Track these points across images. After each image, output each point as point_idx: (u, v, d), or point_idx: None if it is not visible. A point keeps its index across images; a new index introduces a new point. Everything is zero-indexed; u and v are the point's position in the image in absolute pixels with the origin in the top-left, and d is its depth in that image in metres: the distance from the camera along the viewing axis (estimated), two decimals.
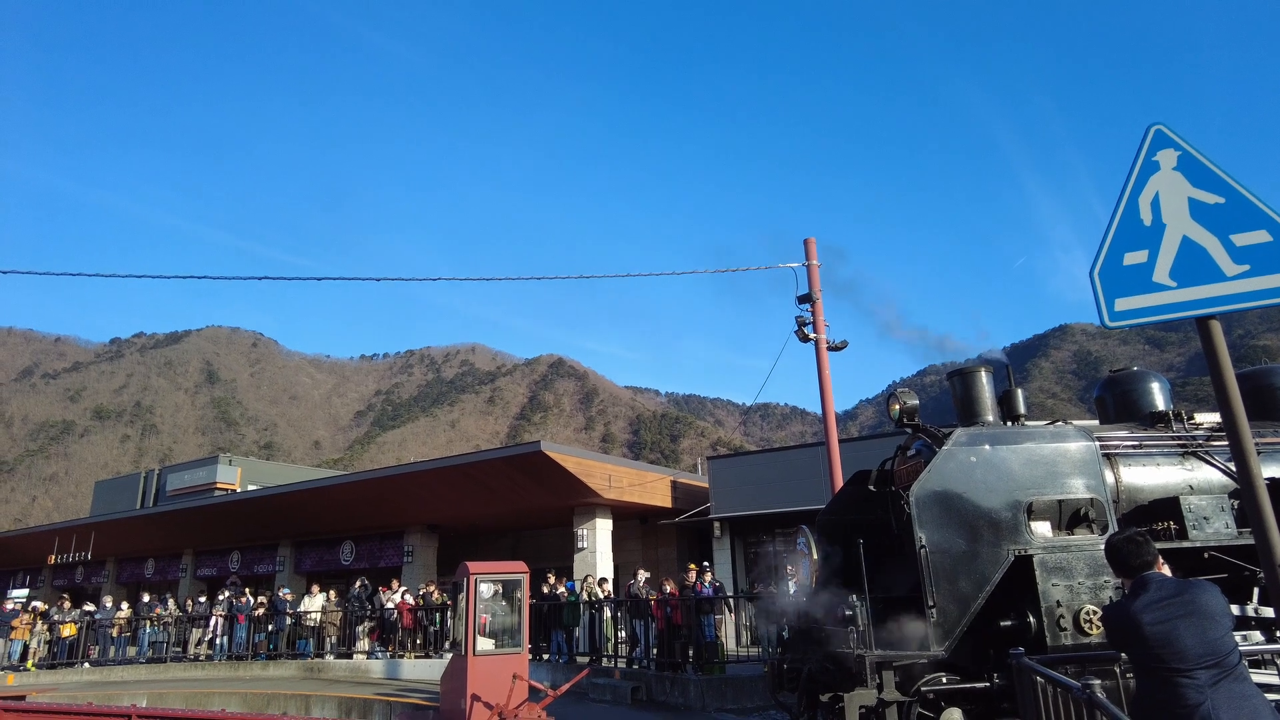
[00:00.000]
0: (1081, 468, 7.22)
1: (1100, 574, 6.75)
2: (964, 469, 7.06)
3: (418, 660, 17.72)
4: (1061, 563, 6.78)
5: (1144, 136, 3.93)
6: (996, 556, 6.79)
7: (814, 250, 13.96)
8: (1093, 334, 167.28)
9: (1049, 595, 6.64)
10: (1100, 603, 6.63)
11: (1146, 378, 8.98)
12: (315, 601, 20.31)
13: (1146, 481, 7.77)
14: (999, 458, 7.15)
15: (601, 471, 21.58)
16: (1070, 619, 6.59)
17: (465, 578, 11.21)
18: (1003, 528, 6.89)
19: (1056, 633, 6.55)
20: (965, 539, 6.86)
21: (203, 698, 15.24)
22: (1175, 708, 3.16)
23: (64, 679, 20.02)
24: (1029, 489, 7.05)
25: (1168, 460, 7.92)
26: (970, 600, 6.70)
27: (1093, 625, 6.56)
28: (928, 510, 6.90)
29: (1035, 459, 7.19)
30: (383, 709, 13.19)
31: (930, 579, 6.70)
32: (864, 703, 6.68)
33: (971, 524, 6.90)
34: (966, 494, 6.99)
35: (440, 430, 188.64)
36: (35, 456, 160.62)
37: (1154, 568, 3.51)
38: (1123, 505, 7.64)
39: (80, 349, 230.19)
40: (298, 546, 29.16)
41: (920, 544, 6.77)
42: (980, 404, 8.22)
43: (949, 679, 6.87)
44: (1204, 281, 3.63)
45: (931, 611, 6.63)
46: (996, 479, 7.05)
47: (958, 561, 6.79)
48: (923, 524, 6.84)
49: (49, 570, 36.76)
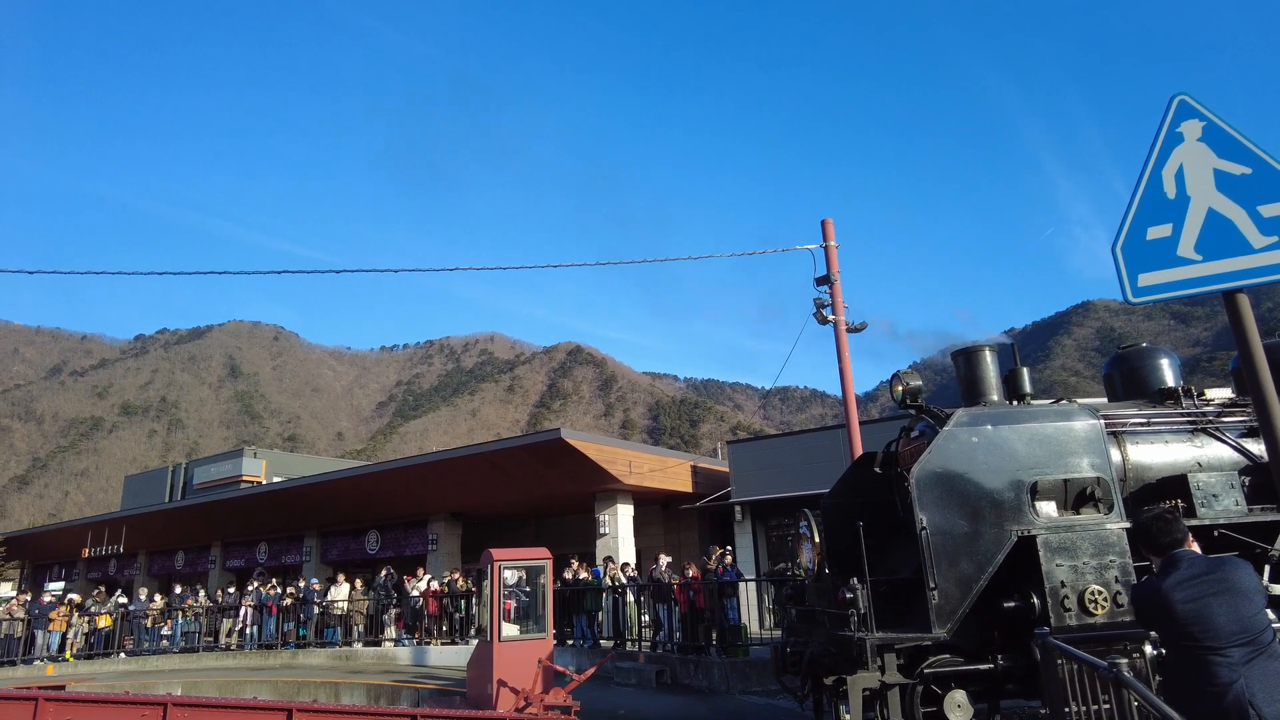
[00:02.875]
0: (1086, 446, 7.12)
1: (1105, 554, 6.68)
2: (965, 449, 6.99)
3: (444, 647, 17.93)
4: (1066, 543, 6.70)
5: (1167, 107, 3.84)
6: (999, 537, 6.74)
7: (831, 231, 13.85)
8: (1116, 310, 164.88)
9: (1053, 576, 6.58)
10: (1105, 583, 6.57)
11: (1155, 354, 8.83)
12: (341, 591, 20.58)
13: (1155, 459, 7.66)
14: (1001, 438, 7.06)
15: (622, 457, 21.64)
16: (1075, 599, 6.52)
17: (489, 565, 11.32)
18: (1005, 508, 6.83)
19: (1061, 613, 6.48)
20: (967, 520, 6.80)
21: (235, 686, 15.51)
22: (1208, 686, 3.13)
23: (101, 669, 20.47)
24: (1032, 469, 6.96)
25: (1177, 438, 7.80)
26: (972, 582, 6.65)
27: (1098, 606, 6.48)
28: (928, 492, 6.85)
29: (1038, 438, 7.09)
30: (410, 695, 13.36)
31: (931, 560, 6.65)
32: (867, 685, 6.67)
33: (973, 505, 6.84)
34: (968, 474, 6.92)
35: (461, 419, 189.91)
36: (66, 453, 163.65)
37: (1184, 545, 3.47)
38: (1130, 484, 7.55)
39: (106, 346, 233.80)
40: (323, 537, 29.53)
41: (921, 525, 6.72)
42: (985, 383, 8.12)
43: (953, 661, 6.82)
44: (1230, 254, 3.55)
45: (933, 593, 6.58)
46: (999, 459, 6.98)
47: (959, 543, 6.73)
48: (923, 505, 6.79)
49: (83, 563, 37.51)
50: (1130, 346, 9.15)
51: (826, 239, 13.83)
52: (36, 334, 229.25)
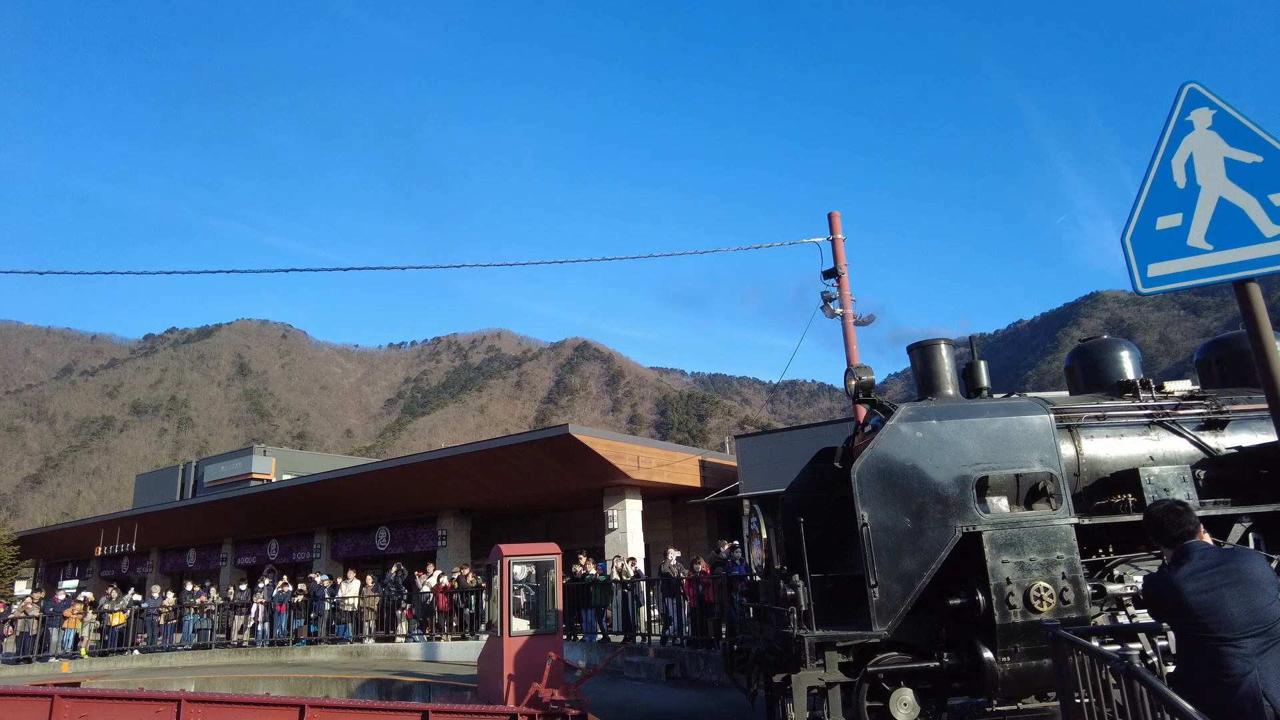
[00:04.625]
0: (1035, 441, 7.00)
1: (1053, 550, 6.59)
2: (908, 444, 6.88)
3: (454, 642, 18.00)
4: (1012, 539, 6.61)
5: (1177, 96, 3.80)
6: (943, 533, 6.65)
7: (838, 224, 13.80)
8: (1125, 301, 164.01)
9: (998, 573, 6.50)
10: (1052, 580, 6.50)
11: (1116, 346, 8.71)
12: (352, 587, 20.68)
13: (1108, 453, 7.55)
14: (946, 432, 6.95)
15: (630, 453, 21.65)
16: (1020, 597, 6.44)
17: (499, 560, 11.35)
18: (950, 504, 6.73)
19: (1006, 611, 6.41)
20: (910, 516, 6.70)
21: (248, 682, 15.62)
22: (1221, 678, 3.12)
23: (115, 666, 20.64)
24: (978, 464, 6.86)
25: (1132, 431, 7.69)
26: (915, 579, 6.56)
27: (1043, 603, 6.41)
28: (870, 487, 6.76)
29: (985, 433, 6.98)
30: (421, 690, 13.43)
31: (872, 557, 6.56)
32: (812, 683, 6.62)
33: (917, 501, 6.74)
34: (911, 470, 6.82)
35: (469, 415, 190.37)
36: (78, 452, 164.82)
37: (1196, 537, 3.45)
38: (1084, 478, 7.44)
39: (116, 346, 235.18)
40: (333, 533, 29.67)
41: (862, 522, 6.63)
42: (940, 378, 8.05)
43: (900, 658, 6.75)
44: (1242, 243, 3.52)
45: (873, 591, 6.50)
46: (943, 454, 6.87)
47: (902, 539, 6.64)
48: (865, 501, 6.70)
49: (96, 562, 37.80)
50: (1091, 339, 9.01)
51: (833, 232, 13.78)
52: (47, 334, 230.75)
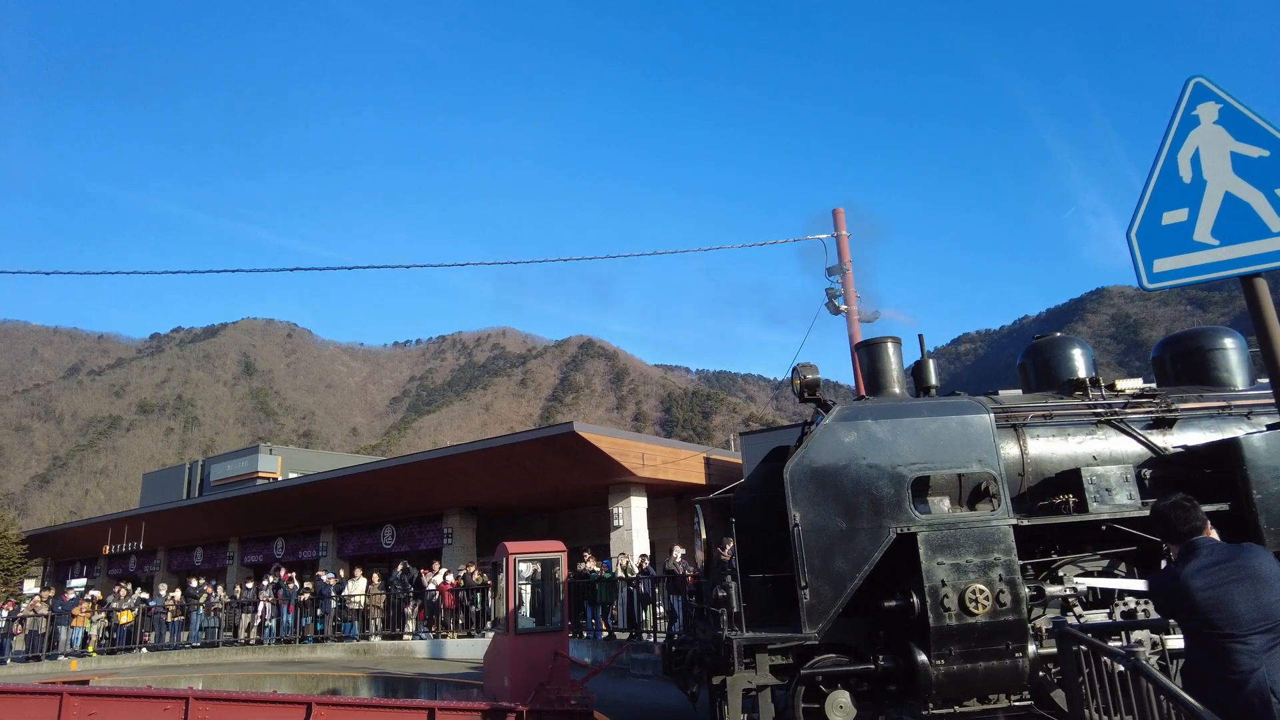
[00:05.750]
0: (973, 441, 6.88)
1: (990, 552, 6.49)
2: (842, 444, 6.79)
3: (461, 640, 18.05)
4: (948, 540, 6.50)
5: (1183, 90, 3.79)
6: (876, 535, 6.56)
7: (843, 221, 13.79)
8: (1131, 296, 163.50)
9: (933, 574, 6.41)
10: (989, 582, 6.40)
11: (1068, 344, 8.62)
12: (359, 585, 20.74)
13: (1054, 453, 7.46)
14: (881, 432, 6.84)
15: (635, 450, 21.66)
16: (955, 599, 6.34)
17: (504, 558, 11.37)
18: (884, 504, 6.63)
19: (940, 613, 6.31)
20: (843, 517, 6.61)
21: (255, 680, 15.68)
22: (1228, 674, 3.11)
23: (124, 664, 20.75)
24: (914, 464, 6.75)
25: (1079, 430, 7.59)
26: (846, 580, 6.46)
27: (978, 605, 6.31)
28: (802, 488, 6.67)
29: (922, 433, 6.87)
30: (428, 688, 13.47)
31: (803, 558, 6.47)
32: (747, 686, 6.57)
33: (850, 501, 6.64)
34: (845, 470, 6.72)
35: (474, 413, 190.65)
36: (85, 451, 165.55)
37: (1203, 533, 3.44)
38: (1029, 478, 7.36)
39: (122, 345, 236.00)
40: (339, 532, 29.75)
41: (794, 523, 6.56)
42: (886, 376, 7.99)
43: (837, 661, 6.68)
44: (1248, 238, 3.51)
45: (804, 592, 6.42)
46: (878, 454, 6.77)
47: (834, 540, 6.55)
48: (797, 502, 6.62)
49: (104, 560, 37.96)
50: (1044, 337, 8.92)
51: (838, 229, 13.78)
52: (54, 334, 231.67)
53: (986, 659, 6.34)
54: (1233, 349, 8.35)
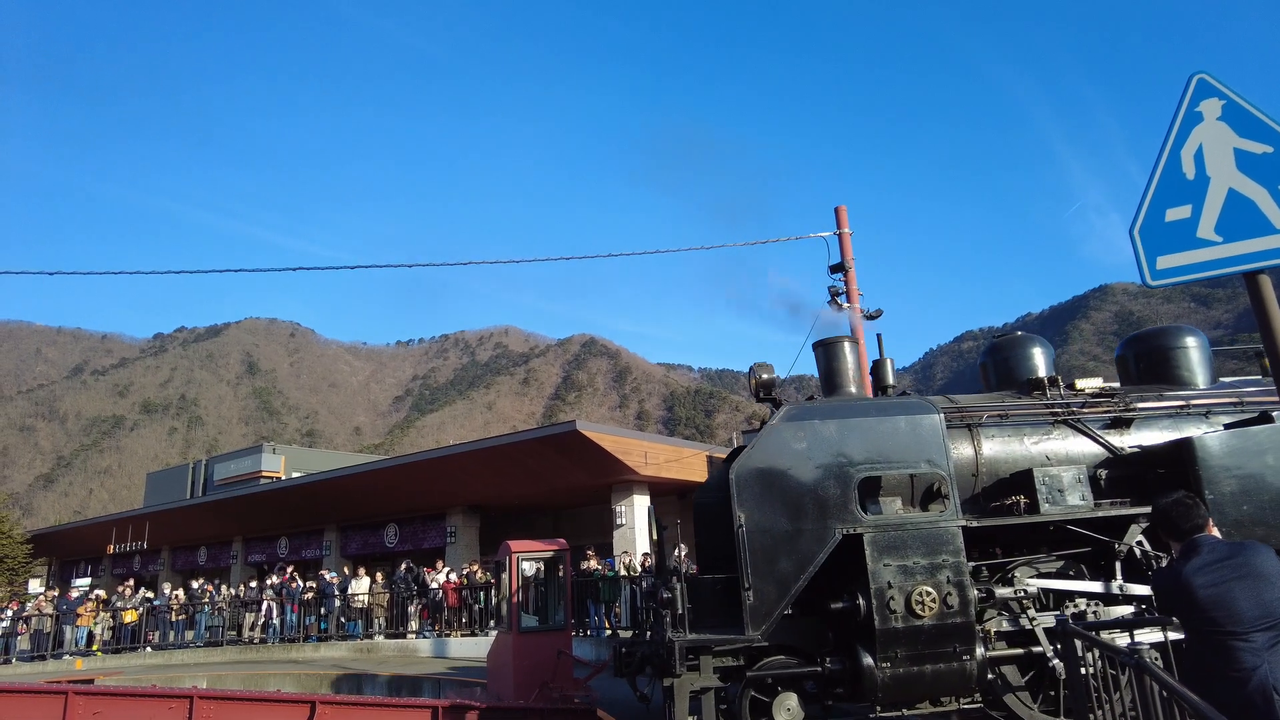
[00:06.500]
0: (922, 442, 6.81)
1: (938, 553, 6.41)
2: (789, 445, 6.74)
3: (464, 639, 18.07)
4: (895, 542, 6.44)
5: (1185, 87, 3.78)
6: (822, 535, 6.50)
7: (845, 218, 13.77)
8: (1134, 294, 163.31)
9: (879, 576, 6.34)
10: (936, 584, 6.33)
11: (1028, 343, 8.58)
12: (362, 584, 20.78)
13: (1006, 453, 7.42)
14: (828, 432, 6.79)
15: (637, 449, 21.67)
16: (901, 601, 6.27)
17: (507, 556, 11.38)
18: (830, 505, 6.57)
19: (886, 615, 6.25)
20: (787, 518, 6.57)
21: (259, 679, 15.72)
22: (1229, 671, 3.10)
23: (128, 663, 20.79)
24: (861, 464, 6.69)
25: (1035, 430, 7.53)
26: (791, 582, 6.41)
27: (924, 607, 6.24)
28: (748, 489, 6.63)
29: (869, 434, 6.80)
30: (431, 687, 13.49)
31: (746, 559, 6.43)
32: (694, 688, 6.53)
33: (795, 502, 6.60)
34: (790, 471, 6.68)
35: (477, 412, 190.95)
36: (90, 451, 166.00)
37: (1205, 530, 3.43)
38: (983, 478, 7.32)
39: (126, 345, 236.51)
40: (343, 531, 29.80)
41: (738, 524, 6.52)
42: (842, 376, 7.96)
43: (786, 663, 6.64)
44: (1252, 235, 3.49)
45: (747, 594, 6.38)
46: (824, 454, 6.71)
47: (779, 541, 6.51)
48: (742, 503, 6.58)
49: (108, 560, 38.06)
50: (1003, 336, 8.88)
51: (840, 226, 13.76)
52: (58, 334, 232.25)
53: (933, 662, 6.27)
54: (1194, 348, 8.26)
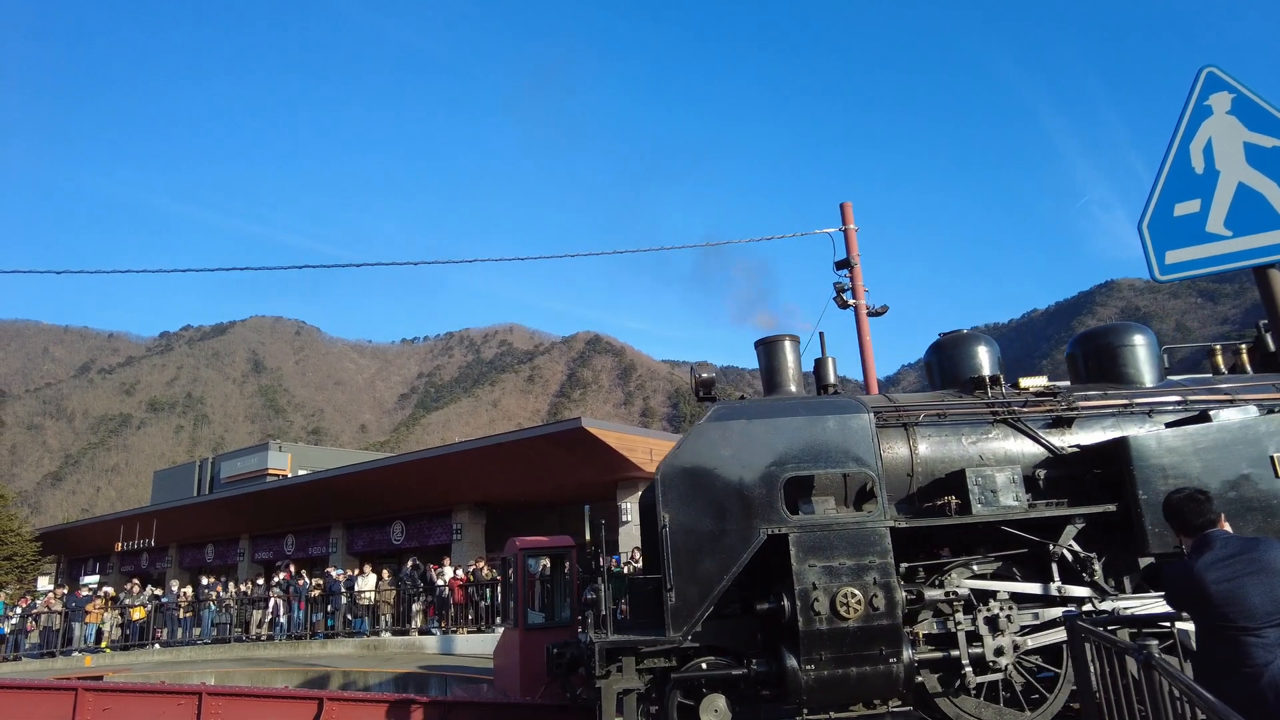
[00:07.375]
0: (851, 441, 6.73)
1: (865, 555, 6.34)
2: (714, 445, 6.71)
3: (470, 635, 18.10)
4: (821, 542, 6.36)
5: (1195, 80, 3.75)
6: (746, 535, 6.43)
7: (851, 214, 13.74)
8: (1140, 289, 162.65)
9: (804, 577, 6.26)
10: (862, 585, 6.25)
11: (972, 341, 8.47)
12: (369, 581, 20.83)
13: (942, 453, 7.33)
14: (755, 432, 6.73)
15: (643, 445, 21.68)
16: (826, 603, 6.19)
17: (513, 553, 11.39)
18: (755, 505, 6.50)
19: (810, 616, 6.17)
20: (712, 517, 6.51)
21: (266, 675, 15.78)
22: (1242, 667, 3.10)
23: (137, 660, 20.89)
24: (788, 464, 6.62)
25: (974, 430, 7.42)
26: (714, 582, 6.34)
27: (849, 609, 6.18)
28: (673, 488, 6.59)
29: (798, 433, 6.73)
30: (438, 683, 13.52)
31: (669, 560, 6.37)
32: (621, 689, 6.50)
33: (720, 502, 6.54)
34: (716, 471, 6.63)
35: (482, 410, 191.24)
36: (97, 449, 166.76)
37: (1217, 525, 3.42)
38: (919, 478, 7.23)
39: (132, 344, 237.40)
40: (349, 528, 29.88)
41: (662, 524, 6.46)
42: (782, 374, 7.89)
43: (715, 663, 6.60)
44: (1261, 229, 3.48)
45: (669, 595, 6.31)
46: (751, 454, 6.66)
47: (703, 541, 6.45)
48: (667, 503, 6.54)
49: (116, 557, 38.23)
50: (949, 334, 8.74)
51: (846, 222, 13.73)
52: (65, 333, 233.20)
53: (859, 664, 6.21)
54: (1142, 346, 8.15)
